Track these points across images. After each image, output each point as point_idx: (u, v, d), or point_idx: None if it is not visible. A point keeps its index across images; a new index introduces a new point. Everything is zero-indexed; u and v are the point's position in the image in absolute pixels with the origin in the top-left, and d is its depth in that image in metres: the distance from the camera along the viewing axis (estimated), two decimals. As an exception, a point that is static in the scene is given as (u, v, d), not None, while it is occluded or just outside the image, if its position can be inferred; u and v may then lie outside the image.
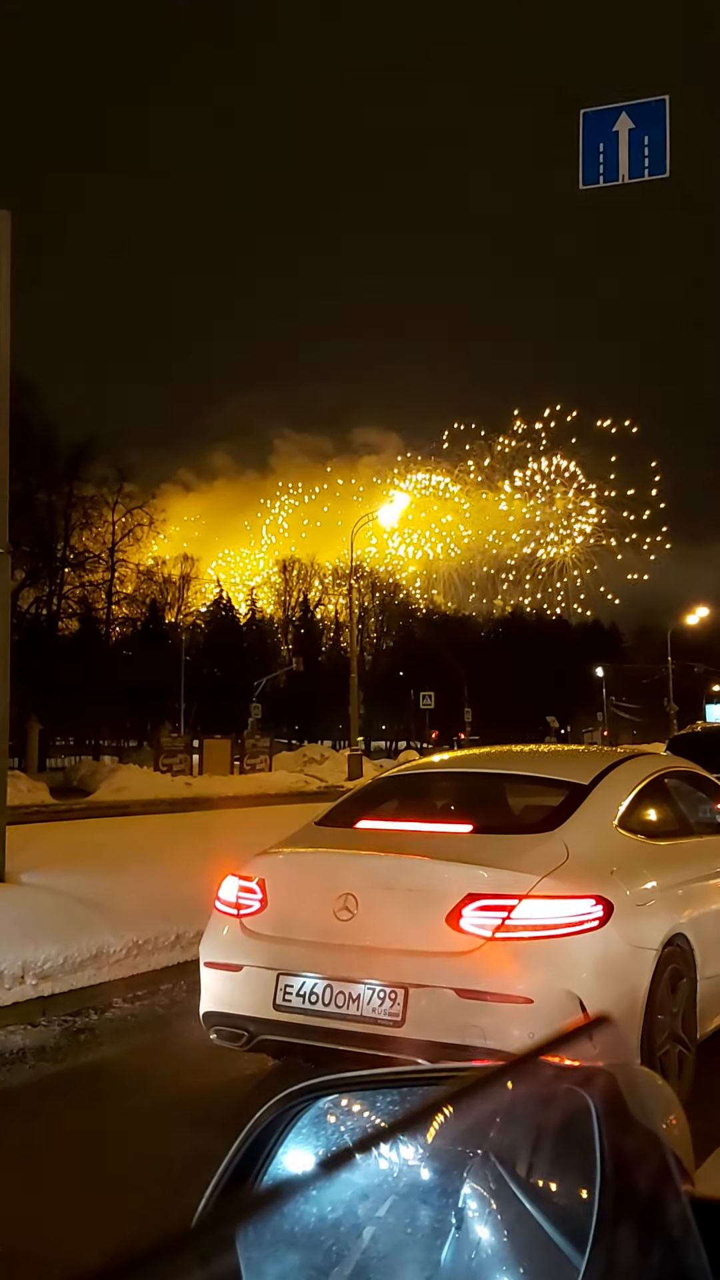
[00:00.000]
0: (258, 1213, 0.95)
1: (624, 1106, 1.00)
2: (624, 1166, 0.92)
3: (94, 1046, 5.95)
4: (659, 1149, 0.97)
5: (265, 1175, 1.12)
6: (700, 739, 14.08)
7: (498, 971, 4.09)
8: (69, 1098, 5.19)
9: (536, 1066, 1.07)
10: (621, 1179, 0.91)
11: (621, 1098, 1.01)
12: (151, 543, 56.10)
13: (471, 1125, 1.12)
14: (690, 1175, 1.03)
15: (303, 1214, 1.06)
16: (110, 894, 7.93)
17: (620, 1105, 1.00)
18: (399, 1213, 1.08)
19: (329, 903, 4.40)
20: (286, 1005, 4.40)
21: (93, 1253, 0.75)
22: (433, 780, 6.08)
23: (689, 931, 4.74)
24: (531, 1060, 1.04)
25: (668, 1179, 0.94)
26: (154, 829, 15.05)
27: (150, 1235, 0.62)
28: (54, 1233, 3.46)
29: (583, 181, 11.22)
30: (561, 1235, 0.96)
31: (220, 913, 4.82)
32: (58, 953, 6.69)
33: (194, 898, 6.24)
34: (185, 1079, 5.32)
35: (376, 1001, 4.21)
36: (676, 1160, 0.98)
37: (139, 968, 7.10)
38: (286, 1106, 1.16)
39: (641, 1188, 0.92)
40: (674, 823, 5.51)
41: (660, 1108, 1.08)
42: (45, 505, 47.08)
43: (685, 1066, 4.63)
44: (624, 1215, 0.90)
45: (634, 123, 11.08)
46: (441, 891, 4.27)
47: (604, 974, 4.23)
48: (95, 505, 50.68)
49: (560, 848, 4.49)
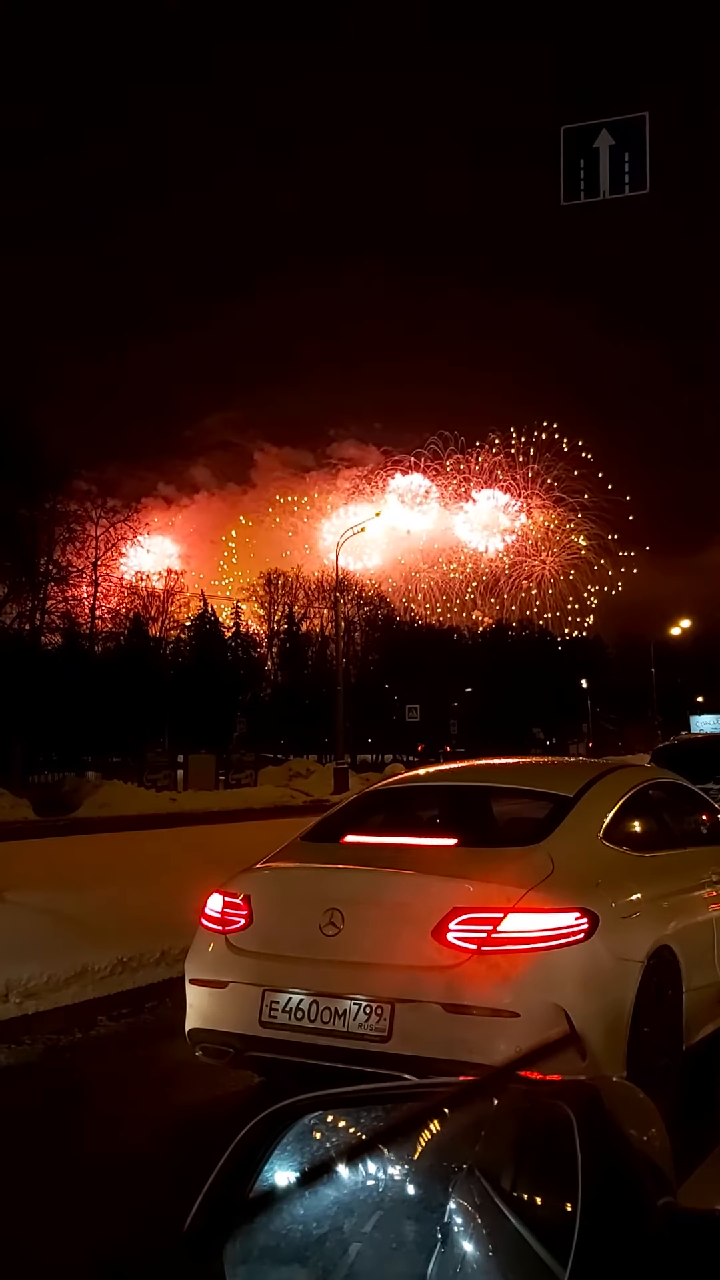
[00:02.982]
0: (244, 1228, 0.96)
1: (605, 1120, 1.01)
2: (605, 1180, 0.93)
3: (79, 1065, 5.92)
4: (640, 1162, 0.98)
5: (252, 1191, 1.12)
6: (684, 750, 14.12)
7: (484, 985, 4.10)
8: (54, 1117, 5.16)
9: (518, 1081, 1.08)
10: (603, 1192, 0.92)
11: (603, 1111, 1.03)
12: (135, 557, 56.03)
13: (456, 1140, 1.13)
14: (672, 1188, 1.05)
15: (289, 1230, 1.07)
16: (95, 911, 7.90)
17: (601, 1119, 1.01)
18: (385, 1228, 1.09)
19: (315, 918, 4.40)
20: (272, 1021, 4.38)
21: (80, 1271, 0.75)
22: (418, 794, 6.08)
23: (674, 943, 4.76)
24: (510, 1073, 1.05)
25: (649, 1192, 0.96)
26: (138, 845, 14.99)
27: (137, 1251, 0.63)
28: (39, 1251, 3.44)
29: (563, 198, 11.29)
30: (545, 1248, 0.97)
31: (206, 929, 4.81)
32: (42, 970, 6.66)
33: (179, 914, 6.21)
34: (171, 1097, 5.30)
35: (363, 1017, 4.20)
36: (658, 1173, 0.99)
37: (124, 985, 7.06)
38: (272, 1123, 1.16)
39: (623, 1201, 0.94)
40: (659, 834, 5.53)
41: (641, 1121, 1.09)
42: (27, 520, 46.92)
43: (671, 1078, 4.64)
44: (606, 1228, 0.91)
45: (614, 139, 11.18)
46: (427, 905, 4.28)
47: (590, 987, 4.24)
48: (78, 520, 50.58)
49: (545, 860, 4.50)
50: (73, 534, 50.18)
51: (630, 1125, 1.04)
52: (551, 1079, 1.10)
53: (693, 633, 71.40)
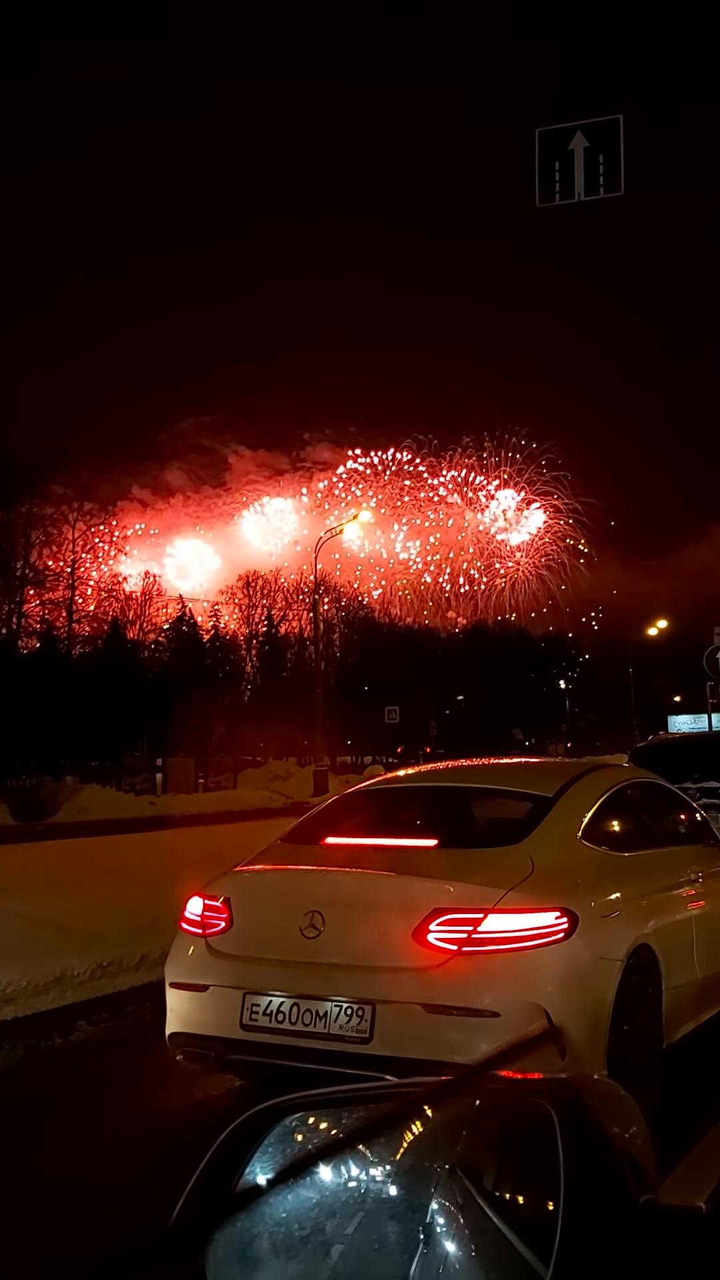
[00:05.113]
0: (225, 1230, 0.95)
1: (586, 1118, 1.01)
2: (586, 1177, 0.93)
3: (58, 1070, 5.88)
4: (622, 1159, 0.98)
5: (234, 1193, 1.11)
6: (662, 750, 14.18)
7: (465, 986, 4.10)
8: (33, 1122, 5.12)
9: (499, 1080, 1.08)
10: (584, 1190, 0.92)
11: (583, 1109, 1.03)
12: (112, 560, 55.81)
13: (438, 1140, 1.12)
14: (654, 1185, 1.05)
15: (271, 1232, 1.07)
16: (74, 915, 7.86)
17: (582, 1116, 1.01)
18: (367, 1229, 1.09)
19: (295, 920, 4.39)
20: (253, 1025, 4.37)
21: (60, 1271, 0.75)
22: (398, 795, 6.08)
23: (654, 942, 4.78)
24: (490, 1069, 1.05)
25: (631, 1189, 0.96)
26: (117, 849, 14.91)
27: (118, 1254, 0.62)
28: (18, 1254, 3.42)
29: (539, 200, 11.33)
30: (527, 1247, 0.97)
31: (185, 932, 4.79)
32: (20, 976, 6.62)
33: (159, 918, 6.19)
34: (151, 1101, 5.27)
35: (344, 1019, 4.20)
36: (640, 1170, 0.99)
37: (104, 989, 7.03)
38: (254, 1124, 1.16)
39: (604, 1198, 0.94)
40: (638, 834, 5.55)
41: (623, 1118, 1.09)
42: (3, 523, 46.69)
43: (652, 1077, 4.66)
44: (588, 1226, 0.91)
45: (589, 141, 11.22)
46: (408, 906, 4.28)
47: (570, 986, 4.25)
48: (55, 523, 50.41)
49: (525, 860, 4.51)
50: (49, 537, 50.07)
51: (612, 1123, 1.04)
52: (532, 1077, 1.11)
53: (670, 633, 71.72)
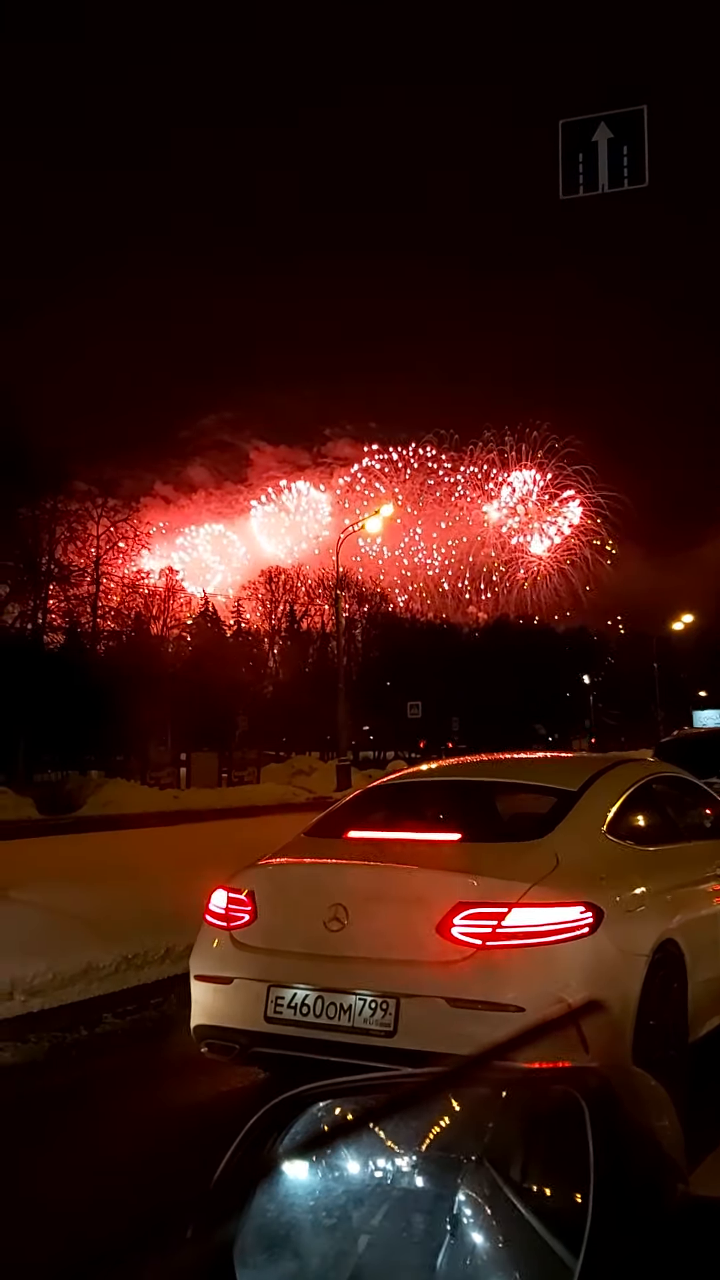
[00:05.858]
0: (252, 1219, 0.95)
1: (617, 1108, 1.00)
2: (617, 1168, 0.92)
3: (84, 1062, 5.92)
4: (652, 1150, 0.97)
5: (260, 1182, 1.11)
6: (687, 744, 14.10)
7: (489, 980, 4.09)
8: (60, 1114, 5.15)
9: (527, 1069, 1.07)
10: (615, 1181, 0.91)
11: (614, 1099, 1.02)
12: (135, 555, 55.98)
13: (465, 1130, 1.12)
14: (685, 1176, 1.04)
15: (298, 1221, 1.06)
16: (99, 908, 7.89)
17: (613, 1106, 1.00)
18: (394, 1219, 1.08)
19: (319, 913, 4.39)
20: (278, 1017, 4.38)
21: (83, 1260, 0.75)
22: (421, 789, 6.07)
23: (679, 937, 4.75)
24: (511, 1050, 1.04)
25: (662, 1180, 0.95)
26: (142, 843, 14.98)
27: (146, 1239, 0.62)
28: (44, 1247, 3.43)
29: (562, 192, 11.27)
30: (556, 1239, 0.96)
31: (210, 925, 4.80)
32: (47, 968, 6.65)
33: (184, 911, 6.20)
34: (176, 1093, 5.29)
35: (368, 1012, 4.19)
36: (670, 1161, 0.98)
37: (129, 982, 7.05)
38: (279, 1113, 1.15)
39: (635, 1189, 0.93)
40: (662, 828, 5.52)
41: (653, 1108, 1.08)
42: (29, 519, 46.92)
43: (678, 1071, 4.63)
44: (618, 1217, 0.90)
45: (613, 133, 11.15)
46: (432, 900, 4.27)
47: (595, 980, 4.23)
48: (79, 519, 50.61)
49: (550, 855, 4.49)
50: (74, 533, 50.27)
51: (642, 1113, 1.03)
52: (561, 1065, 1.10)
53: (695, 627, 71.33)
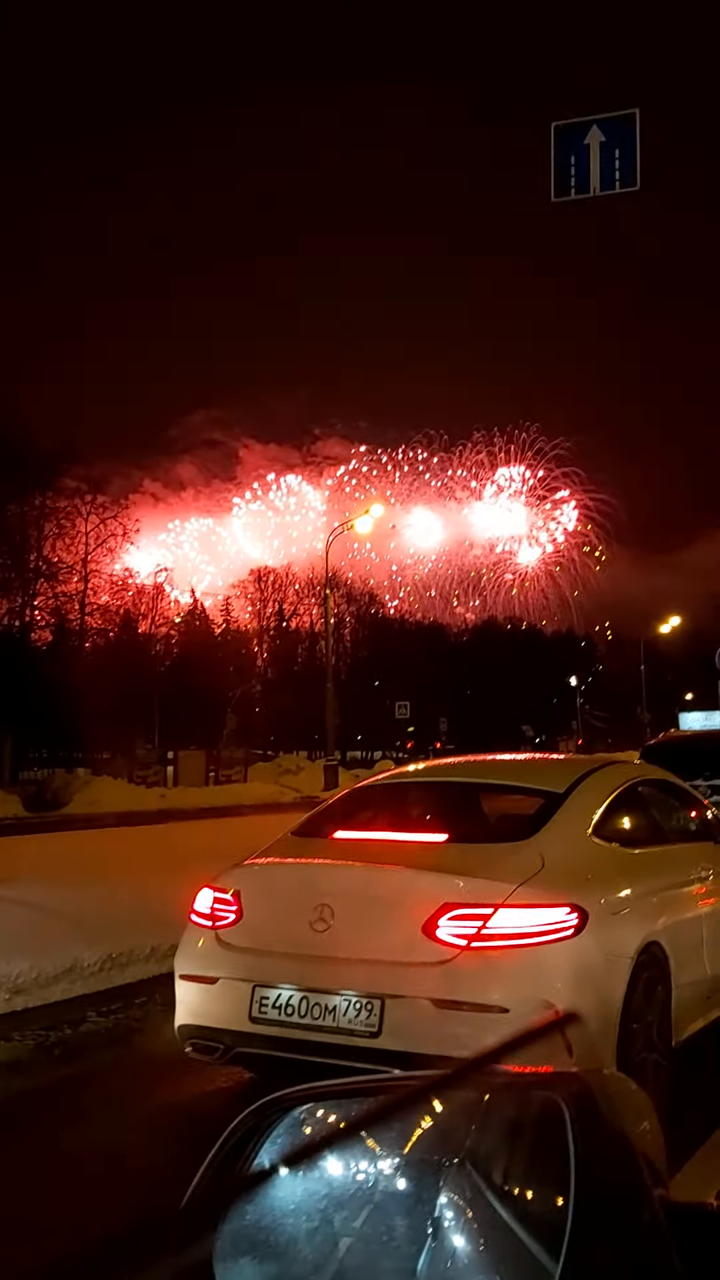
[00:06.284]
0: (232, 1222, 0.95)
1: (597, 1112, 1.01)
2: (597, 1172, 0.92)
3: (68, 1061, 5.90)
4: (632, 1154, 0.97)
5: (241, 1185, 1.11)
6: (674, 747, 14.14)
7: (474, 981, 4.09)
8: (43, 1113, 5.14)
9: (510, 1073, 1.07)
10: (595, 1185, 0.91)
11: (595, 1103, 1.02)
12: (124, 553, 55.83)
13: (447, 1132, 1.12)
14: (665, 1181, 1.04)
15: (279, 1225, 1.06)
16: (84, 907, 7.88)
17: (594, 1110, 1.00)
18: (375, 1223, 1.08)
19: (305, 913, 4.39)
20: (262, 1017, 4.37)
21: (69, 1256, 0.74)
22: (408, 790, 6.07)
23: (664, 939, 4.76)
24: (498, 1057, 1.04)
25: (641, 1184, 0.95)
26: (128, 841, 14.96)
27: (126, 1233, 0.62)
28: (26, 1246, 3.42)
29: (554, 194, 11.29)
30: (537, 1242, 0.96)
31: (195, 924, 4.80)
32: (30, 967, 6.63)
33: (169, 910, 6.20)
34: (160, 1093, 5.29)
35: (353, 1012, 4.20)
36: (650, 1166, 0.98)
37: (113, 981, 7.04)
38: (261, 1116, 1.15)
39: (615, 1193, 0.93)
40: (648, 830, 5.53)
41: (634, 1113, 1.08)
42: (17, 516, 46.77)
43: (661, 1074, 4.65)
44: (598, 1221, 0.90)
45: (605, 136, 11.17)
46: (417, 901, 4.27)
47: (579, 982, 4.24)
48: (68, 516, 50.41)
49: (535, 856, 4.50)
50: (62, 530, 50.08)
51: (623, 1117, 1.03)
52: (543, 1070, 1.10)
53: (682, 630, 71.45)
